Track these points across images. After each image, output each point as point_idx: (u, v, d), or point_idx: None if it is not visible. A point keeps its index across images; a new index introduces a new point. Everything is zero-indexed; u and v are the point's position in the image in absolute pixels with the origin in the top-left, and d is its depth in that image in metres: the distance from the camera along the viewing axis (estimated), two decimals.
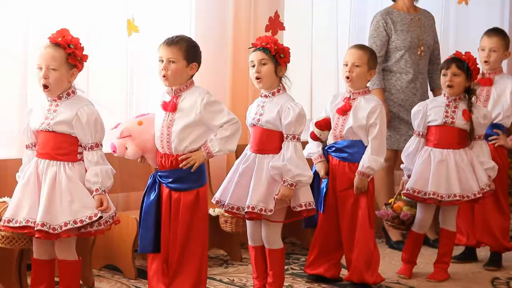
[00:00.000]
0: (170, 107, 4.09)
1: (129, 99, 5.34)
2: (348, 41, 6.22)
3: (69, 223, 3.78)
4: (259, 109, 4.37)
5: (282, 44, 4.39)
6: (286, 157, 4.26)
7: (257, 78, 4.34)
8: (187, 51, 4.07)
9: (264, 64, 4.32)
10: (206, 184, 4.19)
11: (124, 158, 4.23)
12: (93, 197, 3.85)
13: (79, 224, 3.79)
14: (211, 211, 4.89)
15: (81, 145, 3.88)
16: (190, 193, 4.10)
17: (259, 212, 4.24)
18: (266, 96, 4.37)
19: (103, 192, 3.84)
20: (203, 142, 4.07)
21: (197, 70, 4.15)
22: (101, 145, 3.90)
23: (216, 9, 5.61)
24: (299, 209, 4.33)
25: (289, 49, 4.39)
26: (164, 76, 4.08)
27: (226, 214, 4.60)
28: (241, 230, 4.71)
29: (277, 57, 4.32)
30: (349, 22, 6.35)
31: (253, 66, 4.35)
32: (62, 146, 3.85)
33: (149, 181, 4.16)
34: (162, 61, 4.07)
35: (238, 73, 5.70)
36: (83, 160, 3.89)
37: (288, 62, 4.38)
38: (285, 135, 4.29)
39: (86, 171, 3.88)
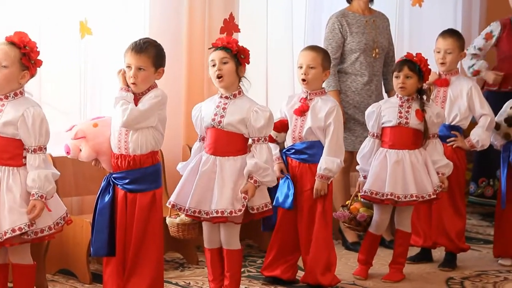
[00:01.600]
0: None
1: (83, 101, 5.29)
2: (304, 43, 6.22)
3: (8, 232, 3.69)
4: (219, 110, 4.32)
5: (243, 46, 4.38)
6: (262, 159, 4.25)
7: (219, 77, 4.30)
8: (155, 57, 4.07)
9: (225, 63, 4.30)
10: (162, 186, 4.17)
11: (79, 161, 4.20)
12: None
13: (18, 232, 3.69)
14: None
15: (25, 149, 3.79)
16: (146, 195, 4.08)
17: (229, 215, 4.23)
18: (226, 97, 4.34)
19: (39, 198, 3.73)
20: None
21: (163, 74, 4.14)
22: (45, 149, 3.80)
23: (170, 11, 5.57)
24: (255, 211, 4.33)
25: (249, 50, 4.39)
26: (133, 84, 4.05)
27: (176, 220, 4.50)
28: (192, 236, 4.56)
29: (238, 56, 4.31)
30: (304, 24, 6.36)
31: (214, 65, 4.32)
32: (7, 150, 3.76)
33: (102, 184, 4.12)
34: (130, 67, 4.04)
35: (193, 75, 5.69)
36: None
37: (248, 63, 4.38)
38: (256, 138, 4.29)
39: None
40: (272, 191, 4.53)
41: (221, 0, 5.74)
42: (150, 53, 4.06)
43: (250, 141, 4.36)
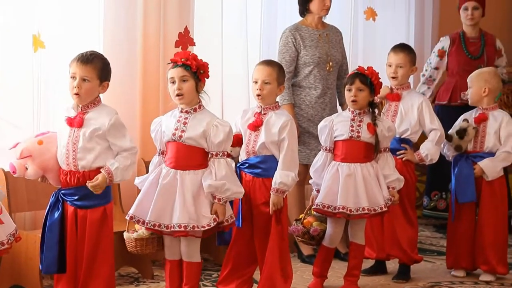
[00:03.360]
0: (77, 123, 4.06)
1: (36, 115, 5.24)
2: (259, 56, 6.25)
3: None
4: (180, 125, 4.31)
5: (201, 60, 4.37)
6: (220, 175, 4.25)
7: (179, 95, 4.29)
8: (101, 70, 4.07)
9: (185, 80, 4.28)
10: (113, 201, 4.15)
11: None
12: None
13: None
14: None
15: None
16: (96, 210, 4.08)
17: (191, 229, 4.21)
18: (187, 112, 4.33)
19: None
20: (105, 166, 4.05)
21: (107, 88, 4.13)
22: None
23: (124, 24, 5.56)
24: (226, 223, 4.35)
25: (208, 64, 4.38)
26: (77, 94, 4.04)
27: (133, 236, 4.46)
28: (149, 251, 4.49)
29: (198, 73, 4.30)
30: (259, 37, 6.38)
31: (173, 82, 4.31)
32: None
33: (51, 200, 4.09)
34: (75, 78, 4.03)
35: (148, 89, 5.67)
36: None
37: (208, 78, 4.38)
38: (214, 153, 4.28)
39: None
40: None
41: (176, 13, 5.74)
42: (96, 64, 4.06)
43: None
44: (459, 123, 5.51)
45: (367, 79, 4.89)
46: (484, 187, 5.43)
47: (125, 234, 4.42)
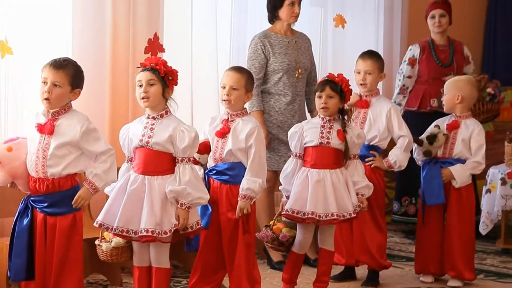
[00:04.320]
0: (48, 130, 4.04)
1: (4, 122, 5.21)
2: (229, 63, 6.26)
3: None
4: (146, 130, 4.30)
5: (171, 67, 4.37)
6: (184, 180, 4.23)
7: (144, 98, 4.28)
8: (73, 76, 4.06)
9: (152, 84, 4.27)
10: (82, 208, 4.14)
11: None
12: None
13: None
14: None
15: None
16: (66, 218, 4.06)
17: (157, 235, 4.20)
18: (154, 118, 4.33)
19: None
20: (85, 177, 4.05)
21: (78, 96, 4.12)
22: None
23: (93, 30, 5.54)
24: (189, 230, 4.32)
25: (177, 72, 4.38)
26: (47, 99, 4.02)
27: (111, 245, 4.43)
28: (124, 260, 4.47)
29: (166, 79, 4.30)
30: (229, 43, 6.39)
31: (141, 86, 4.30)
32: None
33: (20, 207, 4.07)
34: (46, 82, 4.01)
35: (117, 96, 5.65)
36: None
37: (176, 85, 4.37)
38: (180, 158, 4.27)
39: None
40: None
41: (145, 19, 5.74)
42: (69, 71, 4.05)
43: None
44: (430, 129, 5.55)
45: (338, 86, 4.90)
46: (452, 193, 5.46)
47: (104, 244, 4.36)
